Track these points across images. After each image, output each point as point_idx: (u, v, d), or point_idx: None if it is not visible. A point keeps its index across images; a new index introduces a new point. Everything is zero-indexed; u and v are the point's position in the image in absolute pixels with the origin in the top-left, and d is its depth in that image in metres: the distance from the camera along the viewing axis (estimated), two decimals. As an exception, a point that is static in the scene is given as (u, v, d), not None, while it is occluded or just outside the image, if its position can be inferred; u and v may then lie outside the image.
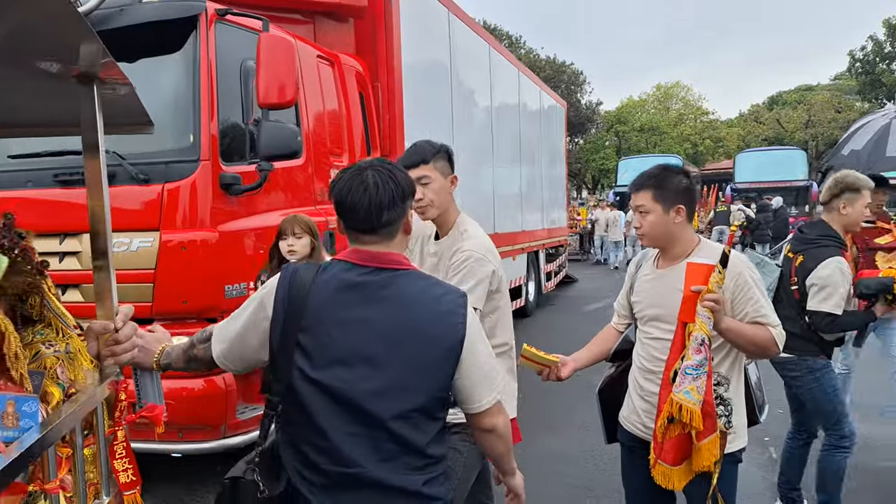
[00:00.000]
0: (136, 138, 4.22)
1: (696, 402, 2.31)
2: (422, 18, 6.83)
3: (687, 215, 2.61)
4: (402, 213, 1.80)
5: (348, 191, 1.76)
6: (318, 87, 5.19)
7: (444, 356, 1.72)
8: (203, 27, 4.10)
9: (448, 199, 2.74)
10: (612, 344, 2.97)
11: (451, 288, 1.84)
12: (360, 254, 1.78)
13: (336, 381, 1.68)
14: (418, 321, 1.71)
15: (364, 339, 1.69)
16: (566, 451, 5.20)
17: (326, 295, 1.73)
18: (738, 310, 2.50)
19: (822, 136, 37.47)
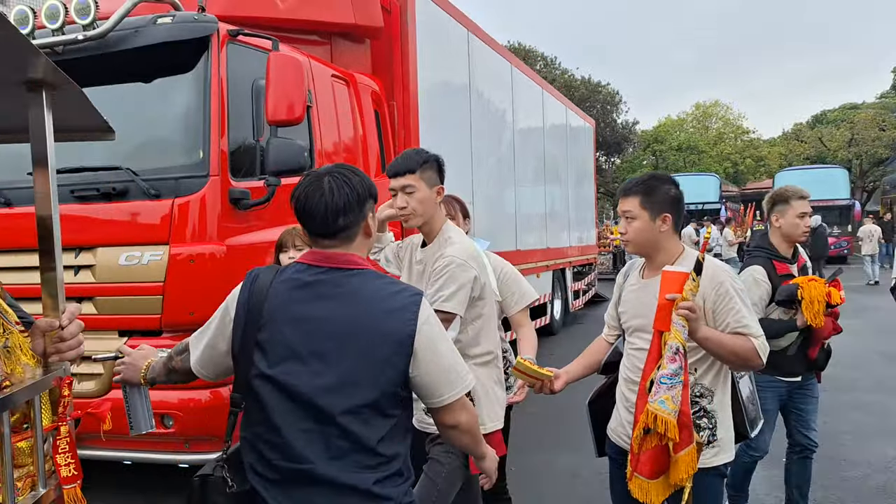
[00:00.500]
0: (150, 155, 4.42)
1: (672, 413, 2.29)
2: (439, 38, 6.92)
3: (673, 225, 2.60)
4: (360, 217, 1.85)
5: (306, 197, 1.82)
6: (332, 105, 5.30)
7: (395, 352, 1.74)
8: (215, 47, 4.22)
9: (433, 208, 2.79)
10: (603, 356, 2.96)
11: (406, 287, 1.88)
12: (315, 255, 1.84)
13: (289, 378, 1.72)
14: (369, 317, 1.75)
15: (316, 335, 1.73)
16: (577, 469, 5.15)
17: (281, 295, 1.79)
18: (719, 320, 2.47)
19: (866, 154, 36.62)
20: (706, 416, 2.50)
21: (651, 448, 2.35)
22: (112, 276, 4.14)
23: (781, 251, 3.77)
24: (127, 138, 4.46)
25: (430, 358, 1.78)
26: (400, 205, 2.75)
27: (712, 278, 2.47)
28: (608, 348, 2.97)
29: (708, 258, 2.51)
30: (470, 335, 2.78)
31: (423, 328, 1.78)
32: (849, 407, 6.81)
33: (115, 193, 4.14)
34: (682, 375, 2.31)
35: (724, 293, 2.47)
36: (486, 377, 2.84)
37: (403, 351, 1.75)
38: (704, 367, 2.53)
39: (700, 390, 2.51)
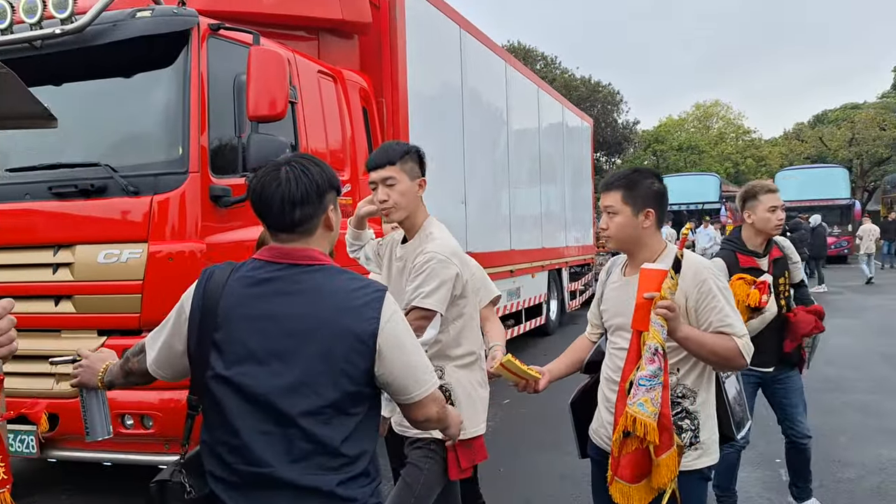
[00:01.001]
0: (129, 151, 4.35)
1: (651, 415, 2.20)
2: (430, 35, 6.85)
3: (656, 220, 2.52)
4: (319, 210, 1.77)
5: (262, 187, 1.74)
6: (318, 102, 5.23)
7: (356, 350, 1.68)
8: (195, 41, 4.15)
9: (415, 201, 2.71)
10: (585, 354, 2.88)
11: (369, 283, 1.80)
12: (272, 251, 1.76)
13: (246, 378, 1.67)
14: (329, 315, 1.68)
15: (273, 334, 1.67)
16: (568, 471, 5.07)
17: (237, 293, 1.72)
18: (702, 319, 2.39)
19: (867, 154, 36.53)
20: (688, 417, 2.41)
21: (631, 452, 2.27)
22: (91, 275, 4.06)
23: (751, 245, 3.82)
24: (106, 134, 4.45)
25: (395, 356, 1.72)
26: (381, 198, 2.66)
27: (695, 276, 2.38)
28: (591, 347, 2.88)
29: (689, 254, 2.43)
30: (451, 335, 2.70)
31: (386, 326, 1.71)
32: (846, 407, 6.73)
33: (94, 190, 4.06)
34: (662, 376, 2.23)
35: (707, 291, 2.38)
36: (467, 380, 2.75)
37: (366, 350, 1.69)
38: (687, 367, 2.44)
39: (682, 391, 2.42)
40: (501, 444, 5.70)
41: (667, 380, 2.25)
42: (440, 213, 6.88)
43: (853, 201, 27.23)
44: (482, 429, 2.78)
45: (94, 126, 4.43)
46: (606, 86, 36.44)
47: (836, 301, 15.24)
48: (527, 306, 9.82)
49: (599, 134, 32.72)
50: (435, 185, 6.79)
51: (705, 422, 2.45)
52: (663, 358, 2.23)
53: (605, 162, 38.28)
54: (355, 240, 3.05)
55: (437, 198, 6.91)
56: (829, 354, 9.05)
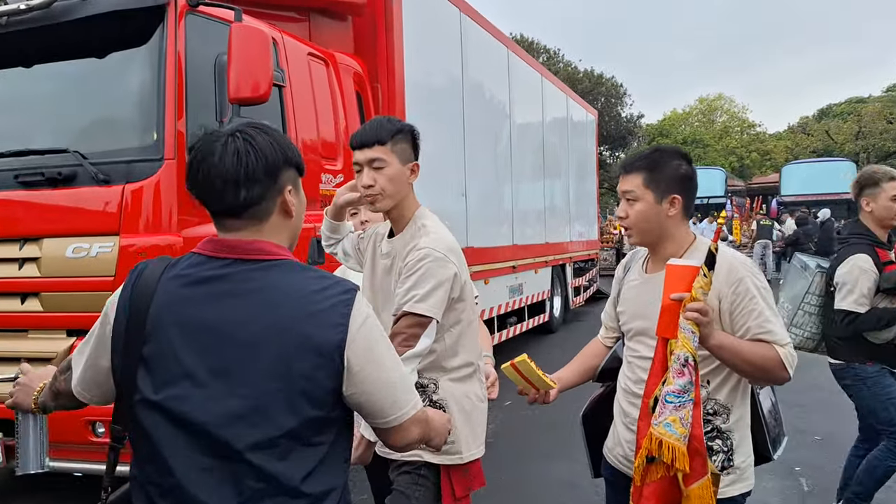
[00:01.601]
0: (99, 137, 4.04)
1: (681, 438, 1.86)
2: (428, 17, 6.52)
3: (683, 208, 2.17)
4: (273, 191, 1.44)
5: (198, 163, 1.41)
6: (308, 86, 4.91)
7: (318, 366, 1.35)
8: (171, 18, 3.83)
9: (405, 188, 2.32)
10: (599, 361, 2.53)
11: (336, 281, 1.46)
12: (215, 243, 1.43)
13: (180, 404, 1.34)
14: (284, 322, 1.36)
15: (214, 347, 1.35)
16: (575, 479, 4.77)
17: (171, 295, 1.40)
18: (738, 324, 2.04)
19: (874, 147, 36.16)
20: (720, 437, 2.08)
21: (657, 480, 1.94)
22: (59, 270, 3.76)
23: (879, 237, 3.56)
24: (75, 119, 4.12)
25: (368, 372, 1.40)
26: (366, 182, 2.25)
27: (729, 273, 2.04)
28: (605, 353, 2.54)
29: (723, 248, 2.08)
30: (447, 344, 2.31)
31: (357, 335, 1.39)
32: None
33: (62, 179, 3.76)
34: (693, 392, 1.89)
35: (744, 291, 2.04)
36: (464, 394, 2.36)
37: (330, 365, 1.36)
38: (719, 379, 2.11)
39: (714, 407, 2.09)
40: (503, 450, 5.40)
41: (698, 395, 1.91)
42: (439, 205, 6.62)
43: (861, 195, 26.85)
44: (480, 451, 2.40)
45: (63, 110, 4.11)
46: (610, 78, 36.03)
47: (846, 297, 14.89)
48: (530, 303, 9.51)
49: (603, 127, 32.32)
50: (433, 176, 6.54)
51: (740, 442, 2.11)
52: (694, 370, 1.89)
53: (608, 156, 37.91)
54: (332, 233, 2.65)
55: (437, 190, 6.62)
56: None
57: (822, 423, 5.91)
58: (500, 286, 8.29)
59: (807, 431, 5.70)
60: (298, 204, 1.52)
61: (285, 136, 1.50)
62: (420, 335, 2.12)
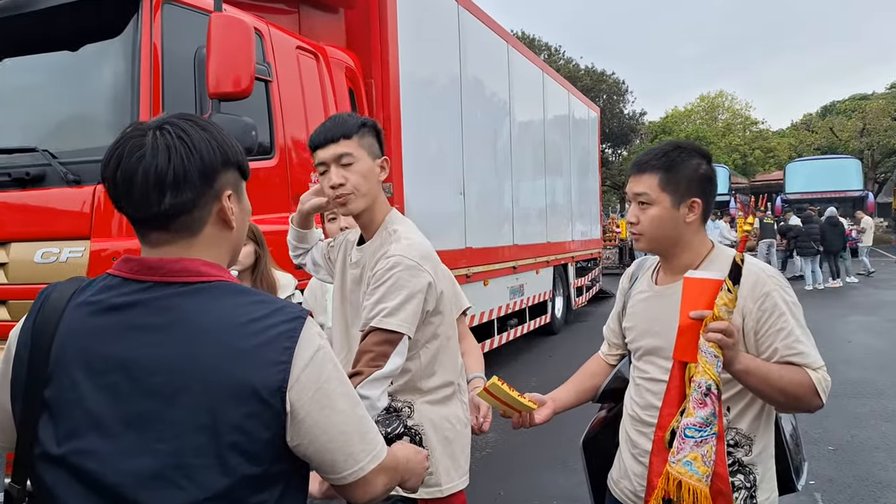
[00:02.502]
0: (70, 134, 3.81)
1: (703, 478, 1.62)
2: (424, 11, 6.28)
3: (702, 214, 1.91)
4: (206, 197, 1.20)
5: (118, 160, 1.16)
6: (297, 81, 4.69)
7: (251, 413, 1.11)
8: (147, 8, 3.60)
9: (377, 187, 2.09)
10: (601, 380, 2.26)
11: (279, 307, 1.20)
12: (132, 263, 1.19)
13: (87, 459, 1.10)
14: (206, 361, 1.11)
15: (125, 391, 1.11)
16: (574, 493, 4.55)
17: (77, 325, 1.16)
18: (764, 345, 1.79)
19: (878, 144, 35.87)
20: (742, 471, 1.83)
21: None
22: (27, 276, 3.52)
23: None
24: (44, 115, 3.88)
25: (318, 419, 1.16)
26: (336, 181, 2.02)
27: (755, 286, 1.80)
28: (608, 371, 2.27)
29: (749, 259, 1.83)
30: (423, 362, 2.09)
31: (303, 374, 1.14)
32: (877, 417, 6.15)
33: (30, 179, 3.52)
34: (717, 425, 1.64)
35: (772, 308, 1.79)
36: (444, 418, 2.13)
37: (267, 412, 1.12)
38: (741, 405, 1.86)
39: (735, 437, 1.84)
40: (499, 463, 5.17)
41: (721, 428, 1.66)
42: (436, 204, 6.42)
43: (866, 193, 26.58)
44: (464, 482, 2.16)
45: (31, 106, 3.88)
46: (611, 75, 35.80)
47: (853, 296, 14.66)
48: (531, 304, 9.27)
49: (605, 125, 32.12)
50: (431, 174, 6.32)
51: (763, 476, 1.86)
52: (717, 400, 1.64)
53: (610, 154, 37.65)
54: (299, 242, 2.42)
55: (434, 188, 6.40)
56: (852, 355, 8.51)
57: (835, 432, 5.67)
58: (500, 287, 8.06)
59: (820, 441, 5.46)
60: (240, 213, 1.27)
61: (225, 132, 1.25)
62: (390, 353, 1.88)
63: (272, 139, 4.41)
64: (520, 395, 2.02)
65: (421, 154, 6.02)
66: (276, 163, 4.40)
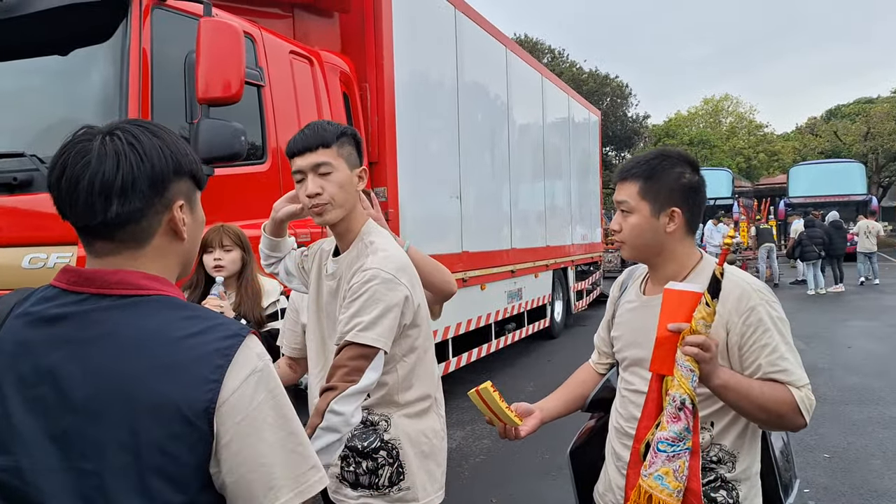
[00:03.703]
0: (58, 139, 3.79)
1: (674, 493, 1.60)
2: (420, 14, 6.26)
3: (687, 223, 1.89)
4: (155, 205, 1.16)
5: (62, 166, 1.13)
6: (290, 86, 4.68)
7: (175, 435, 1.05)
8: (136, 12, 3.59)
9: (354, 198, 2.07)
10: (590, 389, 2.23)
11: (217, 324, 1.14)
12: (70, 274, 1.15)
13: (12, 478, 1.07)
14: (130, 377, 1.06)
15: (52, 406, 1.07)
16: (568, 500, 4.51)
17: (12, 336, 1.13)
18: (748, 360, 1.77)
19: (883, 148, 35.74)
20: (724, 488, 1.80)
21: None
22: (15, 281, 3.50)
23: None
24: (32, 120, 3.86)
25: (239, 447, 1.08)
26: (312, 190, 1.99)
27: (740, 300, 1.77)
28: (597, 380, 2.24)
29: (733, 272, 1.81)
30: (399, 375, 2.06)
31: (232, 396, 1.07)
32: (873, 423, 6.10)
33: (17, 184, 3.51)
34: (690, 440, 1.62)
35: (757, 322, 1.76)
36: (421, 433, 2.10)
37: (193, 434, 1.05)
38: (724, 422, 1.83)
39: (718, 454, 1.82)
40: (492, 469, 5.14)
41: (696, 443, 1.63)
42: (431, 208, 6.40)
43: (870, 197, 26.46)
44: (440, 497, 2.12)
45: (19, 110, 3.87)
46: (615, 79, 35.74)
47: (856, 301, 14.59)
48: (529, 308, 9.24)
49: (609, 128, 32.06)
50: (426, 178, 6.29)
51: (747, 494, 1.83)
52: (692, 415, 1.62)
53: (614, 157, 37.59)
54: (272, 251, 2.38)
55: (429, 192, 6.38)
56: (851, 361, 8.46)
57: (831, 439, 5.63)
58: (497, 291, 8.03)
59: (815, 448, 5.42)
60: (193, 223, 1.23)
61: (179, 139, 1.22)
62: (365, 368, 1.85)
63: (264, 144, 4.39)
64: (507, 407, 1.99)
65: (417, 158, 6.00)
66: (268, 168, 4.38)
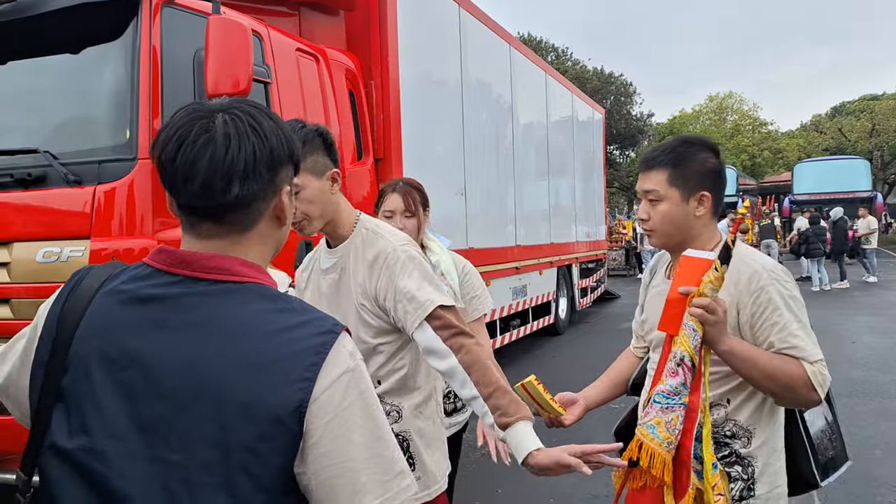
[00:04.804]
0: (70, 136, 3.88)
1: (664, 443, 1.68)
2: (425, 12, 6.34)
3: (714, 206, 1.94)
4: (268, 190, 1.13)
5: (180, 143, 1.06)
6: (296, 83, 4.74)
7: (265, 436, 1.00)
8: (146, 10, 3.67)
9: (331, 201, 2.01)
10: (630, 373, 2.31)
11: (312, 318, 1.09)
12: (168, 255, 1.11)
13: (93, 458, 1.03)
14: (227, 371, 1.02)
15: (140, 391, 1.03)
16: (572, 491, 4.58)
17: (102, 313, 1.09)
18: (759, 339, 1.82)
19: (888, 145, 35.68)
20: (740, 463, 1.86)
21: (638, 489, 1.76)
22: (29, 275, 3.58)
23: None
24: (45, 117, 3.95)
25: (328, 448, 1.02)
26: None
27: (750, 280, 1.82)
28: (636, 363, 2.31)
29: (746, 250, 1.88)
30: (413, 358, 2.10)
31: (323, 395, 1.02)
32: (877, 416, 6.15)
33: (31, 180, 3.59)
34: (686, 396, 1.70)
35: (766, 302, 1.80)
36: (428, 420, 2.14)
37: (284, 435, 1.00)
38: (740, 398, 1.87)
39: (732, 429, 1.87)
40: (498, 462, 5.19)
41: (694, 402, 1.70)
42: (438, 206, 6.36)
43: (875, 193, 26.46)
44: (445, 481, 2.16)
45: (33, 108, 3.95)
46: (619, 77, 35.81)
47: (861, 297, 14.61)
48: (534, 305, 9.30)
49: (613, 126, 32.12)
50: (431, 175, 6.35)
51: (764, 470, 1.87)
52: (691, 372, 1.70)
53: (618, 155, 37.63)
54: None
55: (435, 189, 6.36)
56: (856, 355, 8.50)
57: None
58: (502, 288, 8.09)
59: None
60: (289, 209, 1.20)
61: (285, 124, 1.20)
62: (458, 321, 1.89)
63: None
64: (552, 399, 2.07)
65: (422, 155, 6.07)
66: (275, 163, 4.45)
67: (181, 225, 1.15)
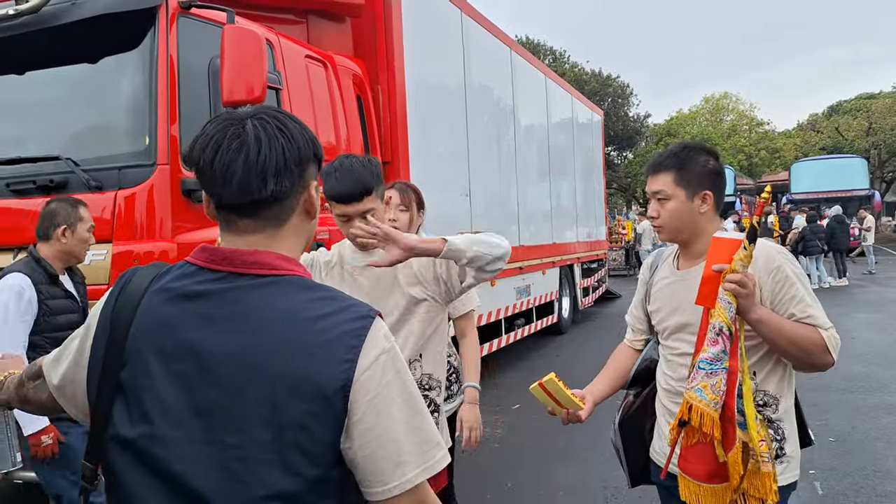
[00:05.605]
0: (91, 143, 3.98)
1: (711, 404, 1.91)
2: (428, 18, 6.45)
3: (715, 203, 2.17)
4: (299, 185, 1.23)
5: (216, 148, 1.17)
6: (306, 89, 4.85)
7: (313, 412, 1.09)
8: (163, 20, 3.77)
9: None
10: (631, 364, 2.49)
11: (348, 305, 1.19)
12: (209, 252, 1.21)
13: (154, 444, 1.12)
14: (272, 354, 1.11)
15: (195, 380, 1.13)
16: (581, 483, 4.67)
17: (152, 311, 1.19)
18: (780, 311, 2.05)
19: (885, 143, 35.82)
20: (772, 427, 2.10)
21: (693, 445, 1.98)
22: (53, 278, 3.69)
23: None
24: (66, 125, 4.07)
25: (372, 424, 1.12)
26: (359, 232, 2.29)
27: (767, 261, 2.06)
28: (635, 357, 2.50)
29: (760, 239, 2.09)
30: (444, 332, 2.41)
31: (364, 375, 1.12)
32: (879, 410, 6.26)
33: (54, 186, 3.70)
34: (727, 361, 1.92)
35: (784, 279, 2.05)
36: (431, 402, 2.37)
37: (329, 412, 1.10)
38: (766, 369, 2.12)
39: (763, 398, 2.10)
40: (508, 456, 5.29)
41: (734, 366, 1.93)
42: (443, 207, 6.56)
43: (872, 192, 26.60)
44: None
45: (54, 116, 4.06)
46: (616, 79, 35.95)
47: (860, 294, 14.71)
48: (537, 304, 9.41)
49: (610, 128, 32.25)
50: (437, 177, 6.47)
51: (790, 429, 2.14)
52: (729, 340, 1.93)
53: (616, 157, 37.77)
54: None
55: (440, 191, 6.53)
56: (856, 351, 8.59)
57: (836, 424, 5.79)
58: (507, 287, 8.20)
59: (821, 433, 5.56)
60: (317, 201, 1.31)
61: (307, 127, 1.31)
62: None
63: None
64: (572, 394, 2.23)
65: (428, 157, 6.18)
66: (287, 168, 4.55)
67: (220, 225, 1.25)
